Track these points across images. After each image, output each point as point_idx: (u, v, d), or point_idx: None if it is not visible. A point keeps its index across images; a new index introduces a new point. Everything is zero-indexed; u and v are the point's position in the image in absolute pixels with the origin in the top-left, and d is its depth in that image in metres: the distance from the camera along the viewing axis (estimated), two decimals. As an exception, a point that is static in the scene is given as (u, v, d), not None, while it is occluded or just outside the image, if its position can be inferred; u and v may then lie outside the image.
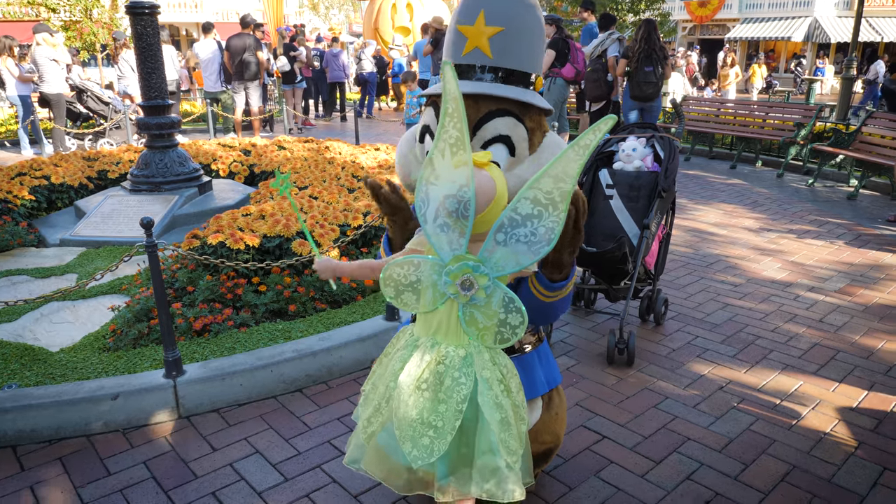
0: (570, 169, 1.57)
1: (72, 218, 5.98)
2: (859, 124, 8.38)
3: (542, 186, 1.59)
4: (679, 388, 3.31)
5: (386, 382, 1.85)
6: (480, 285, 1.67)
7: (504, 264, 1.66)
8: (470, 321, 1.73)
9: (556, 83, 8.74)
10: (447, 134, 1.64)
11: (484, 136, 1.93)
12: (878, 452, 2.77)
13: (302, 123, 14.39)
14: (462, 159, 1.61)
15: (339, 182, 5.89)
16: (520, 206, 1.61)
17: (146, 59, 5.61)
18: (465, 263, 1.66)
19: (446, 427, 1.74)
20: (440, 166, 1.65)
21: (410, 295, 1.79)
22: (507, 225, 1.63)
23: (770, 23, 30.96)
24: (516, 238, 1.63)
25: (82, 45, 16.68)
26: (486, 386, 1.75)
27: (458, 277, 1.68)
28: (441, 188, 1.64)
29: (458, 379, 1.74)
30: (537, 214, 1.61)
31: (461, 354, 1.77)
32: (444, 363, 1.76)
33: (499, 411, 1.76)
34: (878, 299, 4.50)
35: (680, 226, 6.33)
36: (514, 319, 1.70)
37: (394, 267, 1.78)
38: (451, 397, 1.73)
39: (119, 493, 2.54)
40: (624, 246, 3.49)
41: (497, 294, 1.69)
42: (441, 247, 1.69)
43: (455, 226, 1.65)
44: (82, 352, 3.46)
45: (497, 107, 1.93)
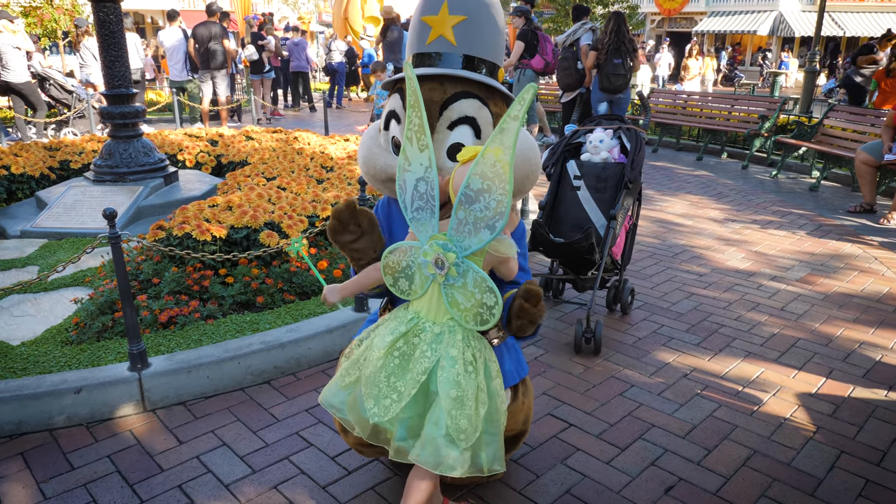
0: (507, 140, 1.63)
1: (33, 209, 5.85)
2: (821, 117, 8.55)
3: (487, 160, 1.67)
4: (644, 376, 3.36)
5: (369, 342, 1.97)
6: (450, 262, 1.75)
7: (469, 242, 1.74)
8: (452, 302, 1.82)
9: (525, 74, 8.77)
10: (412, 122, 1.76)
11: (450, 117, 1.96)
12: (836, 437, 2.85)
13: (271, 114, 14.24)
14: (424, 143, 1.74)
15: (308, 173, 5.85)
16: (471, 182, 1.70)
17: (109, 47, 5.49)
18: (436, 242, 1.76)
19: (405, 392, 1.84)
20: (410, 153, 1.78)
21: (405, 281, 1.90)
22: (464, 202, 1.72)
23: (736, 16, 31.41)
24: (474, 214, 1.71)
25: (43, 31, 16.29)
26: (449, 363, 1.82)
27: (431, 256, 1.78)
28: (413, 173, 1.78)
29: (424, 352, 1.85)
30: (487, 188, 1.68)
31: (435, 331, 1.87)
32: (419, 336, 1.87)
33: (455, 388, 1.81)
34: (838, 288, 4.61)
35: (647, 217, 6.41)
36: (488, 299, 1.77)
37: (389, 255, 1.89)
38: (416, 368, 1.84)
39: (83, 487, 2.51)
40: (591, 236, 3.52)
41: (469, 274, 1.77)
42: (420, 230, 1.80)
43: (427, 207, 1.77)
44: (44, 345, 3.40)
45: (462, 88, 1.96)
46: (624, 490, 2.49)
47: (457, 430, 1.81)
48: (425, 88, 1.94)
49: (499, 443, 1.94)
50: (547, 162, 4.01)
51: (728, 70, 29.10)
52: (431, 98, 1.94)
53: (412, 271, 1.88)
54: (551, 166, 3.99)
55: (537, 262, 5.03)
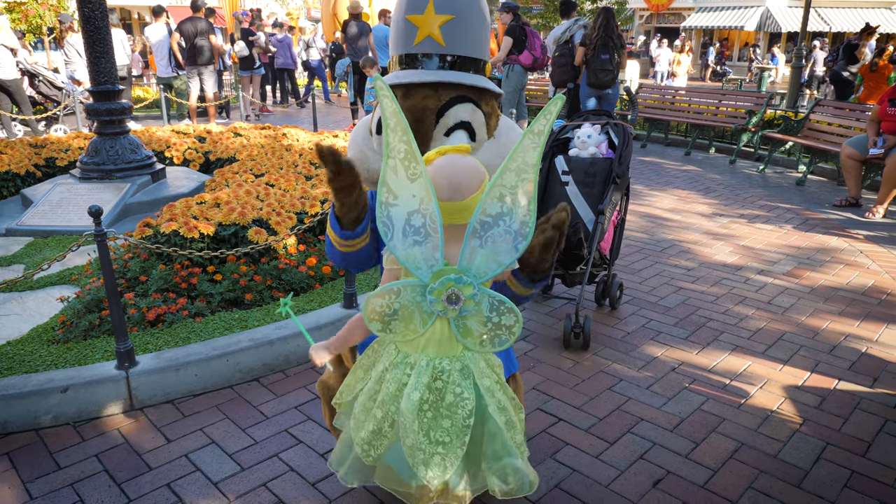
0: (530, 158, 1.55)
1: (18, 207, 5.81)
2: (807, 112, 8.60)
3: (506, 182, 1.56)
4: (633, 370, 3.38)
5: (385, 407, 1.76)
6: (467, 296, 1.61)
7: (485, 268, 1.61)
8: (465, 332, 1.68)
9: (514, 70, 8.77)
10: (395, 150, 1.57)
11: (447, 124, 1.94)
12: (822, 428, 2.87)
13: (259, 110, 14.18)
14: (416, 171, 1.56)
15: (297, 169, 5.83)
16: (488, 206, 1.58)
17: (95, 43, 5.45)
18: (447, 277, 1.60)
19: (455, 443, 1.71)
20: (395, 184, 1.59)
21: (398, 323, 1.70)
22: (479, 229, 1.59)
23: (724, 12, 31.53)
24: (492, 239, 1.59)
25: (28, 27, 16.13)
26: (488, 394, 1.74)
27: (442, 294, 1.61)
28: (402, 206, 1.60)
29: (460, 394, 1.70)
30: (507, 212, 1.58)
31: (458, 367, 1.73)
32: (441, 378, 1.71)
33: (503, 414, 1.76)
34: (824, 281, 4.64)
35: (635, 211, 6.43)
36: (507, 320, 1.66)
37: (373, 300, 1.68)
38: (456, 413, 1.70)
39: (70, 487, 2.49)
40: (579, 231, 3.53)
41: (485, 300, 1.64)
42: (418, 266, 1.62)
43: (427, 241, 1.60)
44: (30, 344, 3.37)
45: (456, 94, 1.94)
46: (612, 484, 2.50)
47: (517, 445, 1.80)
48: (419, 96, 1.92)
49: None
50: (535, 157, 4.01)
51: (716, 65, 29.20)
52: (426, 106, 1.91)
53: (409, 311, 1.68)
54: (539, 161, 3.99)
55: (526, 257, 5.04)
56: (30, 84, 11.08)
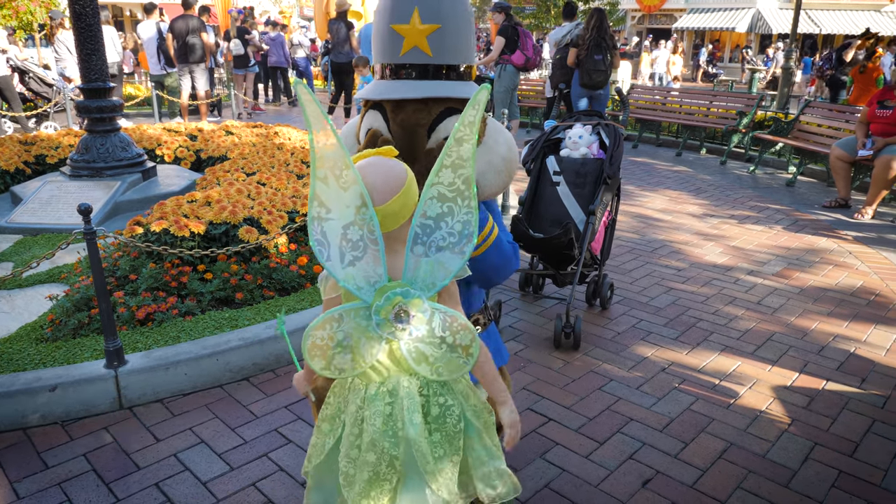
0: (464, 152, 1.43)
1: (7, 204, 5.76)
2: (797, 113, 8.65)
3: (444, 180, 1.44)
4: (623, 370, 3.39)
5: (377, 447, 1.60)
6: (417, 311, 1.46)
7: (432, 278, 1.47)
8: (418, 358, 1.51)
9: (506, 70, 8.78)
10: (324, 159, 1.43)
11: (438, 138, 1.90)
12: (810, 429, 2.89)
13: (251, 108, 14.14)
14: (349, 178, 1.42)
15: (288, 168, 5.81)
16: (428, 208, 1.45)
17: (86, 40, 5.42)
18: (393, 292, 1.44)
19: (448, 451, 1.62)
20: (327, 195, 1.43)
21: (343, 356, 1.52)
22: (421, 234, 1.45)
23: (715, 13, 31.67)
24: (436, 245, 1.46)
25: (18, 24, 16.02)
26: (463, 399, 1.64)
27: (389, 312, 1.45)
28: (337, 220, 1.44)
29: (444, 403, 1.60)
30: (448, 211, 1.45)
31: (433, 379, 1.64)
32: (422, 394, 1.60)
33: (480, 417, 1.67)
34: (813, 282, 4.67)
35: (626, 212, 6.45)
36: (463, 339, 1.50)
37: (313, 332, 1.49)
38: (445, 423, 1.60)
39: (58, 486, 2.48)
40: (570, 232, 3.54)
41: (436, 316, 1.48)
42: (359, 286, 1.46)
43: (366, 256, 1.45)
44: (19, 342, 3.35)
45: (445, 106, 1.90)
46: (602, 484, 2.51)
47: (498, 449, 1.71)
48: (409, 110, 1.88)
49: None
50: (527, 157, 4.03)
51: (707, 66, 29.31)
52: (418, 121, 1.87)
53: (352, 341, 1.50)
54: (531, 162, 4.00)
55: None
56: (20, 81, 10.99)
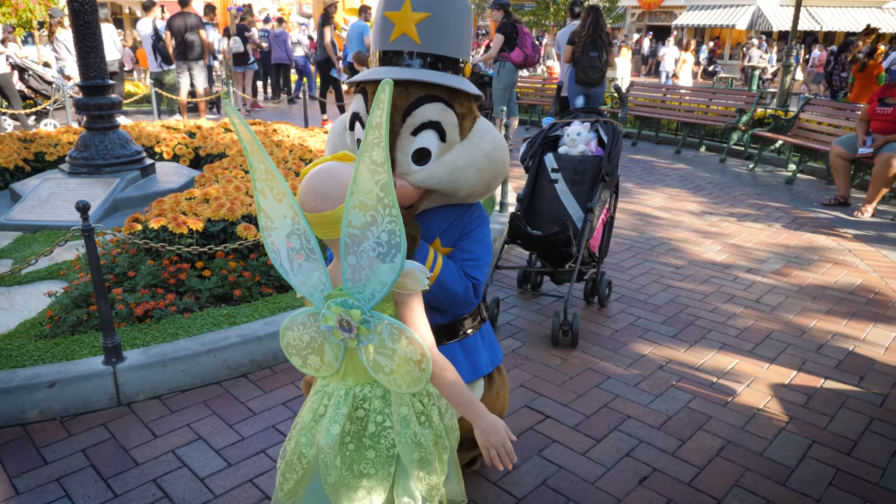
0: (377, 156, 1.36)
1: (7, 202, 5.77)
2: (797, 111, 8.64)
3: (362, 187, 1.38)
4: (621, 367, 3.39)
5: (296, 437, 1.65)
6: (357, 321, 1.45)
7: (371, 289, 1.44)
8: (376, 367, 1.51)
9: (505, 67, 8.77)
10: (256, 171, 1.46)
11: (414, 123, 1.90)
12: (808, 427, 2.89)
13: (250, 105, 14.13)
14: (280, 190, 1.44)
15: (287, 165, 5.81)
16: (352, 217, 1.41)
17: (84, 37, 5.41)
18: (333, 301, 1.46)
19: (380, 474, 1.59)
20: (268, 207, 1.47)
21: (314, 357, 1.58)
22: (351, 244, 1.43)
23: (715, 10, 31.63)
24: (367, 255, 1.42)
25: (18, 21, 16.00)
26: (403, 425, 1.59)
27: (333, 320, 1.47)
28: (280, 230, 1.48)
29: (381, 423, 1.59)
30: (371, 220, 1.40)
31: (379, 394, 1.61)
32: (363, 407, 1.60)
33: (418, 450, 1.60)
34: (812, 280, 4.67)
35: (625, 209, 6.45)
36: (413, 353, 1.47)
37: (287, 332, 1.56)
38: (379, 443, 1.58)
39: (56, 482, 2.48)
40: (568, 229, 3.54)
41: (383, 327, 1.47)
42: (312, 293, 1.50)
43: (309, 264, 1.48)
44: (18, 339, 3.35)
45: (426, 92, 1.90)
46: (599, 481, 2.51)
47: (429, 489, 1.64)
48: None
49: (456, 476, 1.81)
50: (525, 155, 4.02)
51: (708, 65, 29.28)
52: (394, 104, 1.85)
53: (318, 343, 1.56)
54: (529, 159, 4.00)
55: (515, 254, 5.05)
56: (20, 78, 10.99)
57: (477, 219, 2.12)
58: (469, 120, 2.01)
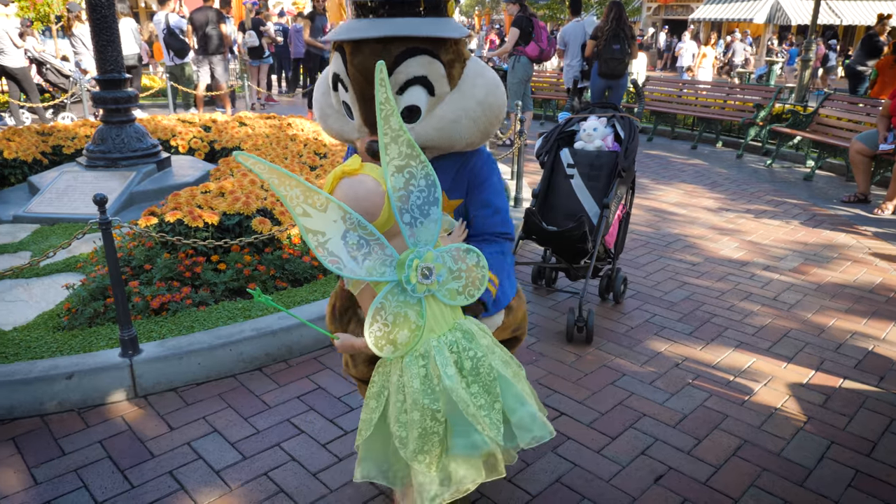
0: (394, 122, 1.62)
1: (25, 194, 5.82)
2: (816, 106, 8.54)
3: (391, 153, 1.63)
4: (636, 365, 3.37)
5: (419, 405, 1.75)
6: (433, 262, 1.68)
7: (429, 233, 1.70)
8: (451, 295, 1.76)
9: (520, 61, 8.73)
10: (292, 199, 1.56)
11: (398, 81, 1.80)
12: (827, 427, 2.86)
13: (265, 99, 14.16)
14: (322, 201, 1.58)
15: (301, 159, 5.82)
16: (394, 182, 1.65)
17: (101, 31, 5.44)
18: (410, 259, 1.65)
19: (489, 400, 1.79)
20: (314, 225, 1.59)
21: (402, 332, 1.70)
22: (402, 206, 1.67)
23: (732, 4, 31.28)
24: (417, 206, 1.68)
25: (36, 15, 16.12)
26: (490, 352, 1.83)
27: (416, 275, 1.66)
28: (334, 236, 1.60)
29: (474, 356, 1.79)
30: (410, 176, 1.66)
31: (460, 336, 1.80)
32: (453, 351, 1.78)
33: (508, 367, 1.87)
34: (831, 278, 4.62)
35: (640, 205, 6.41)
36: (471, 259, 1.77)
37: (370, 329, 1.66)
38: (479, 373, 1.78)
39: (74, 472, 2.50)
40: (584, 225, 3.51)
41: (446, 257, 1.73)
42: (381, 272, 1.66)
43: (372, 249, 1.64)
44: (36, 330, 3.39)
45: (407, 46, 1.78)
46: (614, 479, 2.50)
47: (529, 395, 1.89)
48: (366, 52, 1.77)
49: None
50: (540, 150, 4.00)
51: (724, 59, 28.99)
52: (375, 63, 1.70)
53: (401, 314, 1.69)
54: (545, 154, 3.97)
55: (530, 249, 5.03)
56: (37, 72, 11.08)
57: (486, 164, 2.04)
58: (458, 66, 1.89)
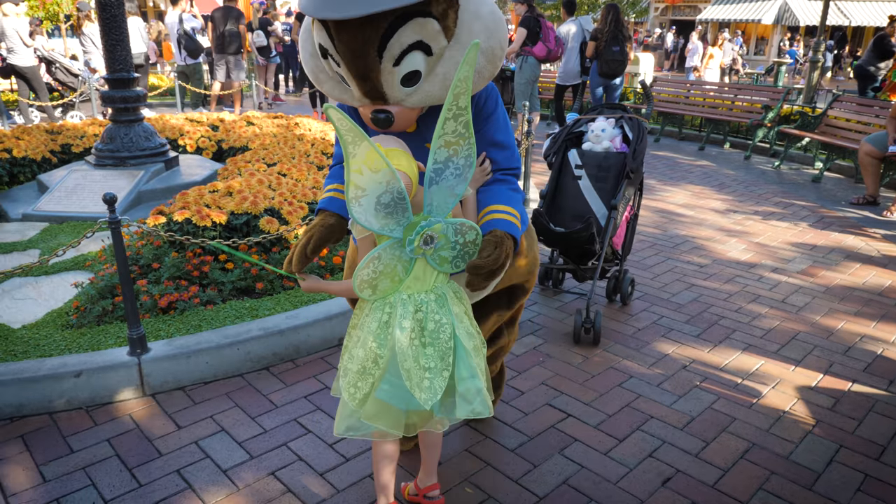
0: (462, 101, 1.68)
1: (34, 192, 5.85)
2: (825, 107, 8.50)
3: (447, 129, 1.71)
4: (644, 367, 3.36)
5: (366, 345, 1.87)
6: (438, 232, 1.80)
7: (444, 204, 1.80)
8: (441, 261, 1.86)
9: (527, 62, 8.75)
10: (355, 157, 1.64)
11: (393, 54, 1.69)
12: (835, 430, 2.85)
13: (272, 99, 14.19)
14: (379, 165, 1.67)
15: (308, 159, 5.83)
16: (437, 154, 1.74)
17: (110, 30, 5.46)
18: (420, 226, 1.77)
19: (440, 366, 1.85)
20: (362, 181, 1.68)
21: (385, 281, 1.84)
22: (434, 176, 1.76)
23: (741, 4, 31.16)
24: (445, 179, 1.77)
25: (45, 14, 16.20)
26: (457, 320, 1.90)
27: (418, 241, 1.78)
28: (371, 194, 1.70)
29: (439, 321, 1.86)
30: (453, 153, 1.75)
31: (433, 298, 1.88)
32: (421, 310, 1.86)
33: (471, 340, 1.93)
34: (839, 280, 4.60)
35: (648, 206, 6.39)
36: (470, 236, 1.86)
37: (361, 272, 1.79)
38: (438, 338, 1.86)
39: (82, 470, 2.51)
40: (591, 226, 3.51)
41: (449, 228, 1.82)
42: (392, 229, 1.77)
43: (396, 210, 1.74)
44: (45, 329, 3.40)
45: (394, 16, 1.64)
46: (621, 481, 2.49)
47: (482, 374, 1.93)
48: (352, 29, 1.65)
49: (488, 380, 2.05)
50: (548, 151, 4.00)
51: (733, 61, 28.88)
52: (365, 38, 1.65)
53: (391, 267, 1.82)
54: (553, 155, 3.97)
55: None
56: (47, 71, 11.12)
57: (490, 98, 2.00)
58: (451, 13, 1.76)
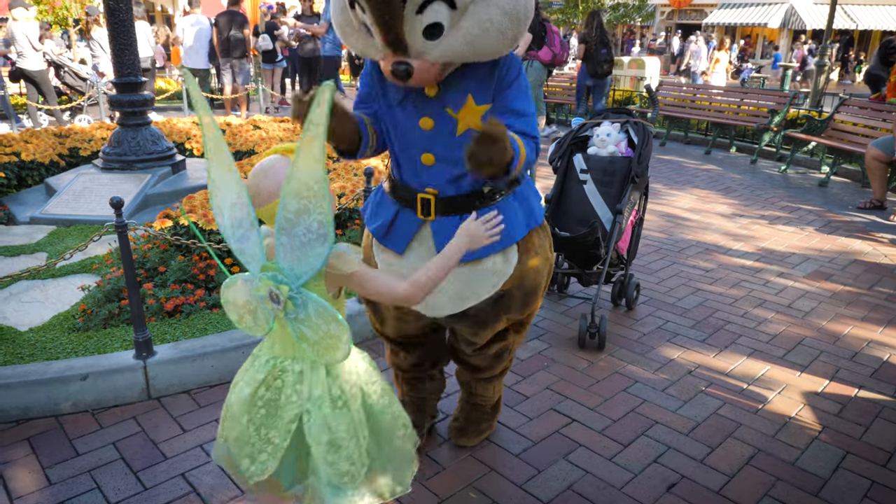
0: (317, 151, 1.41)
1: (42, 196, 5.88)
2: (832, 111, 8.48)
3: (299, 177, 1.44)
4: (649, 372, 3.36)
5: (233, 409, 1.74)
6: (285, 296, 1.53)
7: (300, 270, 1.52)
8: (301, 336, 1.58)
9: (533, 66, 8.74)
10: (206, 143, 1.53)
11: (416, 2, 1.69)
12: (842, 437, 2.84)
13: (279, 103, 14.24)
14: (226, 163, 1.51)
15: (315, 163, 5.84)
16: (288, 203, 1.47)
17: (119, 35, 5.49)
18: (265, 274, 1.54)
19: (281, 444, 1.67)
20: (216, 174, 1.54)
21: (249, 317, 1.66)
22: (285, 227, 1.49)
23: (747, 8, 31.14)
24: (298, 239, 1.49)
25: (54, 19, 16.28)
26: (315, 406, 1.65)
27: (264, 290, 1.55)
28: (226, 196, 1.54)
29: (290, 397, 1.65)
30: (304, 208, 1.46)
31: (296, 370, 1.66)
32: (281, 378, 1.67)
33: (326, 433, 1.65)
34: (846, 285, 4.58)
35: (654, 211, 6.38)
36: (335, 330, 1.54)
37: (227, 290, 1.65)
38: (284, 416, 1.66)
39: (87, 473, 2.52)
40: (597, 231, 3.51)
41: (309, 305, 1.53)
42: (248, 261, 1.58)
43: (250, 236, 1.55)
44: (52, 331, 3.42)
45: None
46: (626, 487, 2.49)
47: (338, 474, 1.67)
48: None
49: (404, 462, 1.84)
50: (553, 155, 4.00)
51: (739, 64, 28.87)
52: None
53: (253, 305, 1.63)
54: (558, 159, 3.97)
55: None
56: (55, 75, 11.19)
57: (513, 65, 1.97)
58: None
